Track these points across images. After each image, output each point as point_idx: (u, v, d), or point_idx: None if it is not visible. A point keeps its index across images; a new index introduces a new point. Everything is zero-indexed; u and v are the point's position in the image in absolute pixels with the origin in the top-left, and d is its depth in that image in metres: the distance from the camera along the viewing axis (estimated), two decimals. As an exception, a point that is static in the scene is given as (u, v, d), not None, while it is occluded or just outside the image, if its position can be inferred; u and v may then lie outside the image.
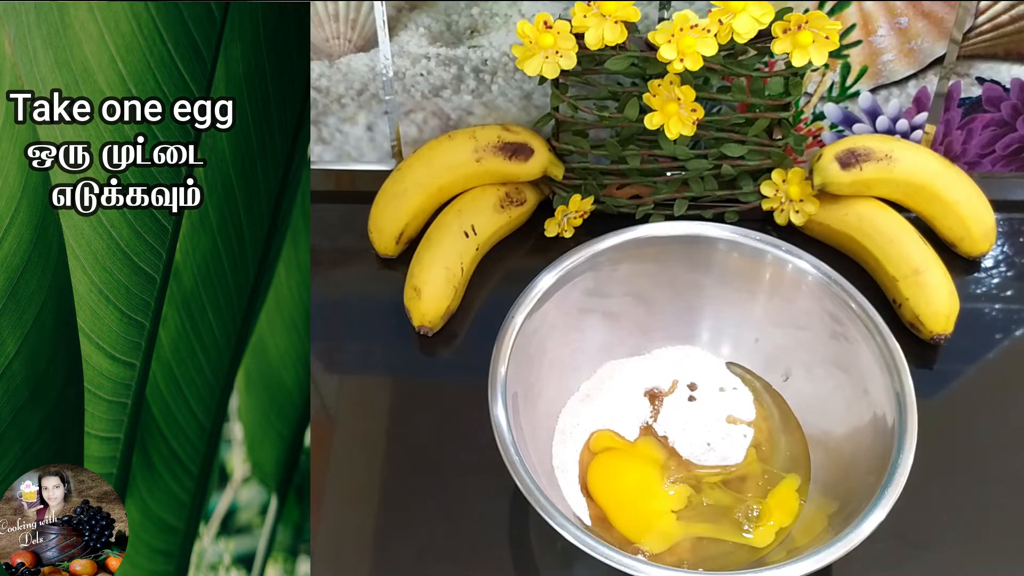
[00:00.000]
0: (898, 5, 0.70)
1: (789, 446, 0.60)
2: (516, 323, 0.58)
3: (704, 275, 0.64)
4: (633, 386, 0.64)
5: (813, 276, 0.61)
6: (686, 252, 0.63)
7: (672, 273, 0.63)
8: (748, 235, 0.62)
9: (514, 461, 0.53)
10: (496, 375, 0.56)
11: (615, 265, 0.62)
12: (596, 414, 0.62)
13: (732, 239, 0.62)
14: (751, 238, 0.62)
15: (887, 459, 0.53)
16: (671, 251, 0.63)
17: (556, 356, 0.62)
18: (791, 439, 0.61)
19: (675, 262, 0.63)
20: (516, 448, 0.53)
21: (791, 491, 0.58)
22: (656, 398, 0.63)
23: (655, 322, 0.65)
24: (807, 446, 0.60)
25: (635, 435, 0.62)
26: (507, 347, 0.57)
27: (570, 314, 0.62)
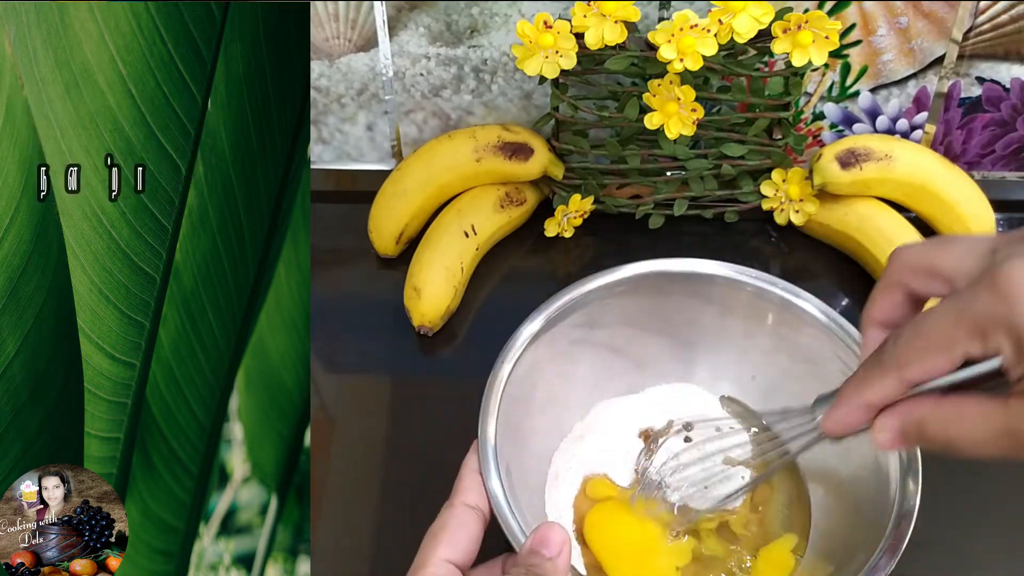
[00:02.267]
0: (898, 5, 0.70)
1: (787, 489, 0.58)
2: (503, 373, 0.56)
3: (700, 312, 0.61)
4: (627, 426, 0.61)
5: (812, 315, 0.58)
6: (682, 288, 0.60)
7: (667, 310, 0.61)
8: (745, 272, 0.60)
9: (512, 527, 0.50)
10: (486, 437, 0.53)
11: (604, 303, 0.60)
12: (590, 456, 0.60)
13: (730, 276, 0.60)
14: (748, 275, 0.59)
15: (889, 507, 0.51)
16: (666, 287, 0.61)
17: (547, 397, 0.59)
18: (790, 483, 0.59)
19: (670, 298, 0.61)
20: (512, 509, 0.51)
21: (786, 551, 0.56)
22: (650, 438, 0.60)
23: (649, 359, 0.62)
24: (807, 489, 0.58)
25: (630, 478, 0.59)
26: (496, 400, 0.55)
27: (560, 354, 0.60)
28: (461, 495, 0.50)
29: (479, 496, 0.50)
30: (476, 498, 0.50)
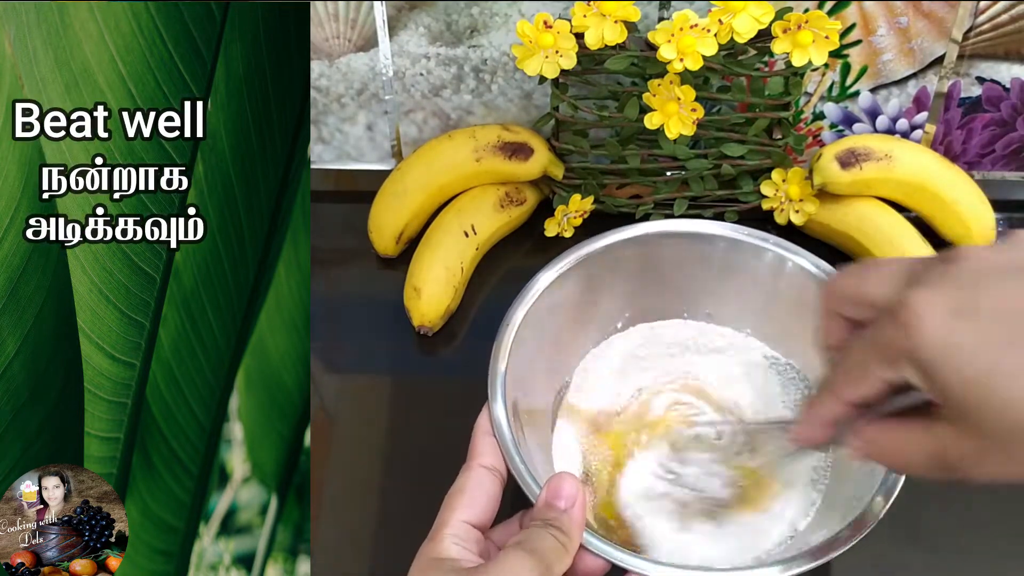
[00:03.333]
0: (898, 5, 0.70)
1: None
2: (516, 318, 0.58)
3: (700, 267, 0.63)
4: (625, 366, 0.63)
5: (815, 273, 0.60)
6: (687, 247, 0.62)
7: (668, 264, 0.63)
8: (749, 233, 0.62)
9: (518, 468, 0.52)
10: (496, 371, 0.55)
11: (611, 257, 0.62)
12: (591, 396, 0.61)
13: (733, 236, 0.62)
14: (752, 236, 0.61)
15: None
16: (671, 246, 0.62)
17: (554, 340, 0.61)
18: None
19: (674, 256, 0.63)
20: (518, 449, 0.53)
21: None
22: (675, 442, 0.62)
23: (651, 305, 0.64)
24: None
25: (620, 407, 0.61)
26: (507, 342, 0.57)
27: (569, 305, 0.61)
28: (477, 458, 0.51)
29: (495, 457, 0.51)
30: (492, 459, 0.51)
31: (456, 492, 0.50)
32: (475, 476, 0.50)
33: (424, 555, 0.47)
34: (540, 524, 0.48)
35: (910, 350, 0.40)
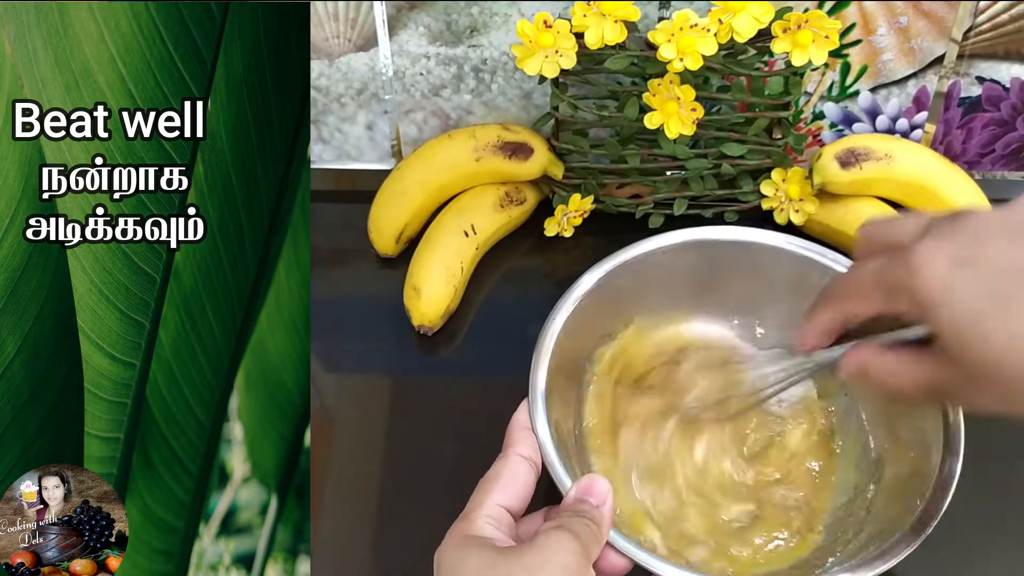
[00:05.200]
0: (898, 5, 0.70)
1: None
2: (556, 326, 0.58)
3: (739, 273, 0.63)
4: None
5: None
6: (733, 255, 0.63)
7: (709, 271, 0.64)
8: (794, 242, 0.62)
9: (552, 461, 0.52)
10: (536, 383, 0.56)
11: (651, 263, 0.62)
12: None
13: (780, 246, 0.62)
14: (797, 246, 0.62)
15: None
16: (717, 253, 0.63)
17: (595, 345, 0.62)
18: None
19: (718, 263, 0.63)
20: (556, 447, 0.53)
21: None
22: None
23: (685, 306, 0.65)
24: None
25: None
26: (548, 350, 0.57)
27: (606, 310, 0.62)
28: (514, 447, 0.52)
29: (531, 448, 0.52)
30: (528, 450, 0.52)
31: (492, 477, 0.51)
32: (512, 463, 0.51)
33: (457, 532, 0.48)
34: (572, 513, 0.49)
35: (912, 289, 0.45)
